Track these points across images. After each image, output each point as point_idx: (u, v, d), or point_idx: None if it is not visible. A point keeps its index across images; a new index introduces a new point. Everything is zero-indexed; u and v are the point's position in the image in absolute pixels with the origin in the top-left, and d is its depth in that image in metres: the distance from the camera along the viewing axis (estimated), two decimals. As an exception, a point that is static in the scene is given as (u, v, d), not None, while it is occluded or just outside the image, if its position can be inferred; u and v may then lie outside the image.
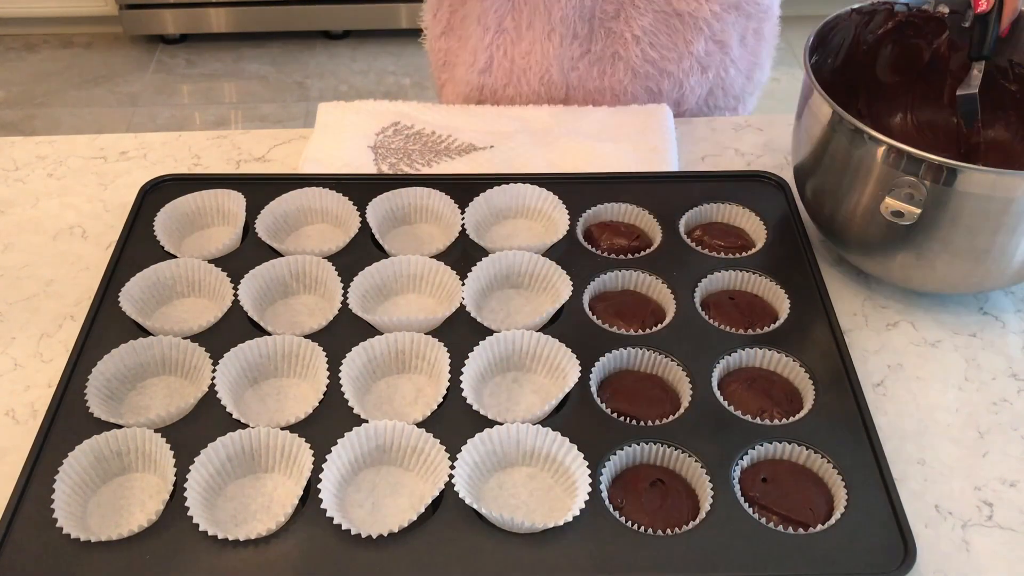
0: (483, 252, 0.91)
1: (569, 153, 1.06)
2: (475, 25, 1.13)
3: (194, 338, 0.83)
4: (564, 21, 1.10)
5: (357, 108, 1.13)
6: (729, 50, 1.14)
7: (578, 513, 0.69)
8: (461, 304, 0.85)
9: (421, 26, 1.25)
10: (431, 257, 0.90)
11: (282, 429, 0.75)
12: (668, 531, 0.70)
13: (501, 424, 0.75)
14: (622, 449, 0.75)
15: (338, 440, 0.73)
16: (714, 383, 0.80)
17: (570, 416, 0.77)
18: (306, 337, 0.82)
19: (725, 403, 0.78)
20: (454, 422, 0.76)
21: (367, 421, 0.75)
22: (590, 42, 1.11)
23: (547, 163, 1.05)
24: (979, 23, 0.88)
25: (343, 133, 1.09)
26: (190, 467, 0.71)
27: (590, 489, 0.71)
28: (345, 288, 0.87)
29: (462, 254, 0.91)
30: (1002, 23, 0.88)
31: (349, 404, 0.77)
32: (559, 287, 0.87)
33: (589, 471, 0.72)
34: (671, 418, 0.77)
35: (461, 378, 0.78)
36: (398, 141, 1.08)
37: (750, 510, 0.71)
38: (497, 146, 1.07)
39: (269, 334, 0.83)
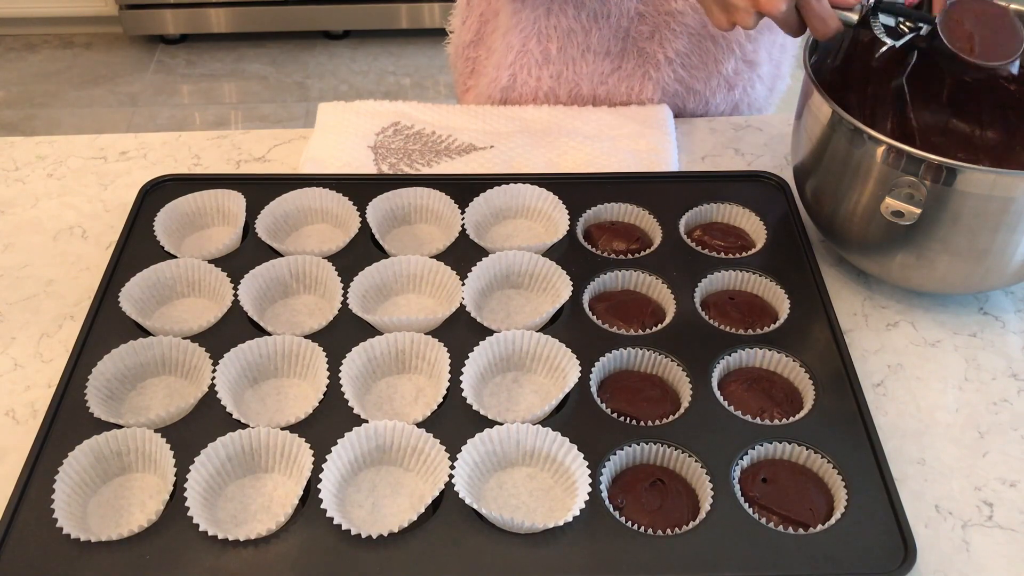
0: (483, 252, 0.91)
1: (569, 153, 1.06)
2: (501, 41, 1.13)
3: (194, 338, 0.83)
4: (600, 42, 1.10)
5: (357, 108, 1.13)
6: (757, 67, 1.15)
7: (578, 513, 0.69)
8: (461, 304, 0.85)
9: (447, 29, 1.25)
10: (431, 257, 0.90)
11: (282, 429, 0.75)
12: (668, 531, 0.70)
13: (501, 424, 0.75)
14: (622, 449, 0.75)
15: (338, 440, 0.73)
16: (714, 383, 0.80)
17: (570, 416, 0.77)
18: (306, 337, 0.82)
19: (725, 403, 0.78)
20: (454, 422, 0.76)
21: (367, 421, 0.75)
22: (621, 59, 1.11)
23: (547, 163, 1.05)
24: None
25: (343, 133, 1.09)
26: (190, 467, 0.71)
27: (590, 489, 0.71)
28: (345, 288, 0.87)
29: (462, 254, 0.91)
30: None
31: (349, 404, 0.77)
32: (559, 287, 0.87)
33: (589, 471, 0.72)
34: (671, 418, 0.77)
35: (461, 378, 0.78)
36: (398, 141, 1.08)
37: (750, 510, 0.71)
38: (497, 146, 1.07)
39: (269, 334, 0.83)
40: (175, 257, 0.90)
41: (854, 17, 0.83)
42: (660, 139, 1.08)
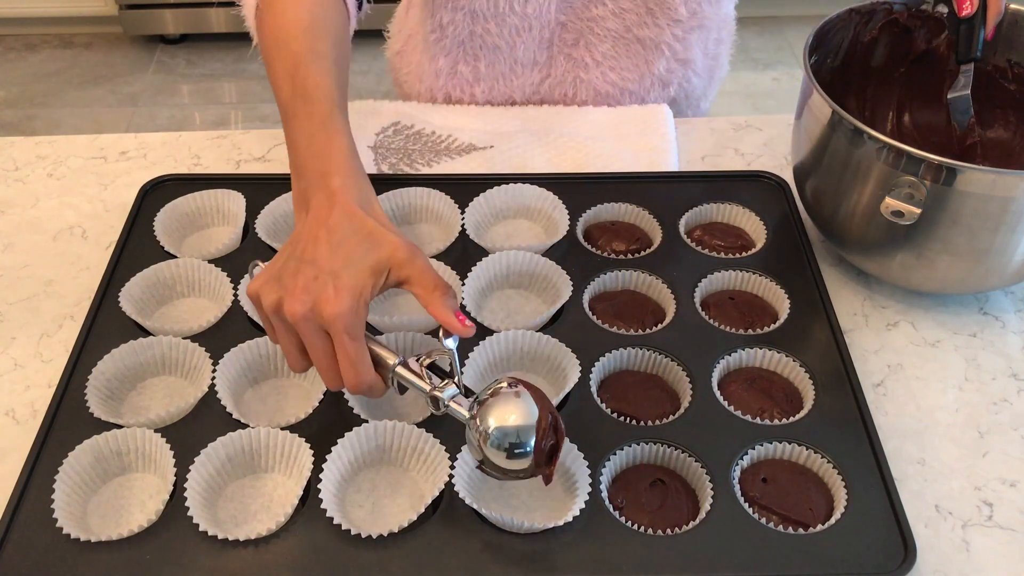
0: (483, 252, 0.91)
1: (569, 153, 1.06)
2: (429, 66, 1.13)
3: (194, 338, 0.83)
4: (526, 53, 1.10)
5: (357, 108, 1.12)
6: (691, 64, 1.14)
7: (578, 513, 0.69)
8: (461, 304, 0.85)
9: (385, 34, 1.25)
10: (431, 257, 0.90)
11: (282, 429, 0.75)
12: (668, 531, 0.70)
13: (501, 424, 0.75)
14: (622, 449, 0.74)
15: (338, 440, 0.73)
16: (714, 383, 0.80)
17: (570, 416, 0.77)
18: (306, 337, 0.82)
19: (725, 403, 0.78)
20: (454, 422, 0.76)
21: (367, 421, 0.75)
22: (550, 67, 1.11)
23: (547, 163, 1.05)
24: (964, 26, 0.88)
25: None
26: (190, 467, 0.71)
27: (590, 489, 0.71)
28: (345, 288, 0.86)
29: (462, 254, 0.91)
30: (987, 25, 0.88)
31: (349, 404, 0.77)
32: (559, 287, 0.87)
33: (589, 471, 0.72)
34: (671, 418, 0.77)
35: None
36: (398, 141, 1.08)
37: (750, 510, 0.71)
38: (497, 146, 1.07)
39: (269, 334, 0.83)
40: (175, 257, 0.90)
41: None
42: (660, 139, 1.08)
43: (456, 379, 0.70)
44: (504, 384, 0.67)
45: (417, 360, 0.70)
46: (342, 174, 0.72)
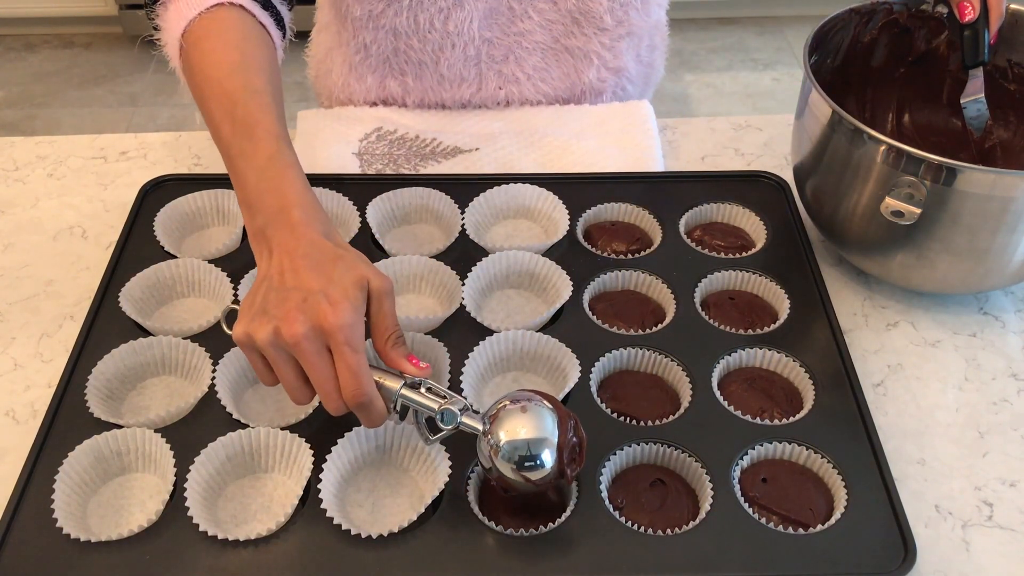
0: (483, 252, 0.91)
1: (554, 152, 1.06)
2: (357, 85, 1.11)
3: (194, 338, 0.83)
4: (451, 69, 1.08)
5: (336, 115, 1.11)
6: (623, 72, 1.14)
7: (571, 511, 0.69)
8: (461, 304, 0.85)
9: (306, 52, 1.22)
10: (431, 257, 0.90)
11: (282, 429, 0.75)
12: (668, 531, 0.70)
13: (501, 424, 0.75)
14: (622, 449, 0.75)
15: (338, 440, 0.73)
16: (714, 383, 0.80)
17: (570, 416, 0.77)
18: (306, 337, 0.82)
19: (725, 403, 0.78)
20: (454, 422, 0.76)
21: (367, 421, 0.75)
22: (479, 83, 1.10)
23: (534, 163, 1.05)
24: (969, 32, 0.88)
25: (326, 141, 1.07)
26: (190, 467, 0.71)
27: (577, 490, 0.71)
28: (345, 288, 0.86)
29: (462, 254, 0.91)
30: (990, 29, 0.88)
31: (349, 404, 0.77)
32: (559, 287, 0.87)
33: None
34: (671, 418, 0.77)
35: (461, 378, 0.78)
36: (382, 147, 1.07)
37: (750, 510, 0.71)
38: (483, 148, 1.07)
39: (269, 334, 0.83)
40: (175, 257, 0.90)
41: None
42: (643, 135, 1.07)
43: (454, 398, 0.70)
44: (507, 401, 0.68)
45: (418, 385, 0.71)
46: (302, 206, 0.72)
